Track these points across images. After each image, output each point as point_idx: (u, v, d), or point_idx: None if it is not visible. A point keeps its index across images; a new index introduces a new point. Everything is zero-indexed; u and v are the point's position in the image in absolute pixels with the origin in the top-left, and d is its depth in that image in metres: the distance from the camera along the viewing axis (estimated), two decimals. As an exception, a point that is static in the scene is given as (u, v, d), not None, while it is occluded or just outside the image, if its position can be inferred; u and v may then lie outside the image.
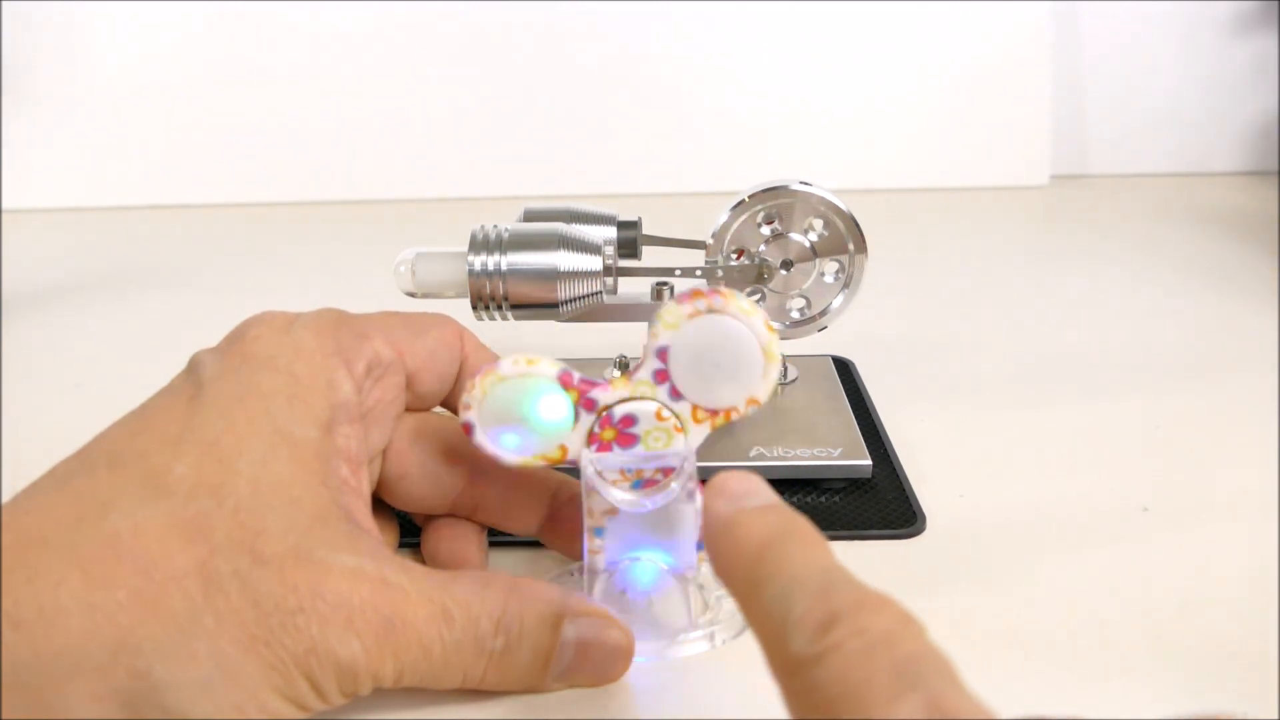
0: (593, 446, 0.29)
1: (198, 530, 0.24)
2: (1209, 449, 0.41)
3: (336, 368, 0.28)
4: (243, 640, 0.23)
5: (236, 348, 0.28)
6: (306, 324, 0.29)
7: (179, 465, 0.25)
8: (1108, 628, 0.31)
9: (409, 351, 0.31)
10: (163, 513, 0.24)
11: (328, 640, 0.24)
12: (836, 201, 0.39)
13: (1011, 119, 0.82)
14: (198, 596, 0.23)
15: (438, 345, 0.31)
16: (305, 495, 0.26)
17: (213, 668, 0.23)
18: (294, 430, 0.27)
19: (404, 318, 0.31)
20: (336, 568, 0.25)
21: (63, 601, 0.22)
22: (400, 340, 0.30)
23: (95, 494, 0.25)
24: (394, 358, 0.30)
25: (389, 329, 0.30)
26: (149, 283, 0.64)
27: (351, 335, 0.29)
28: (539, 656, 0.27)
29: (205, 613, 0.23)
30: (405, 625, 0.25)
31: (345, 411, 0.28)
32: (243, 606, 0.23)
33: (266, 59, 0.80)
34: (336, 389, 0.28)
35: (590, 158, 0.82)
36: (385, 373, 0.30)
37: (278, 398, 0.27)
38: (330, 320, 0.30)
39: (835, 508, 0.37)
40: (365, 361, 0.29)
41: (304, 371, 0.28)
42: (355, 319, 0.31)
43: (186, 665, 0.23)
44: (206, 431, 0.26)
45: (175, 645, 0.23)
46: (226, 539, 0.24)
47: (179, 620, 0.23)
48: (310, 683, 0.24)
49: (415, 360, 0.31)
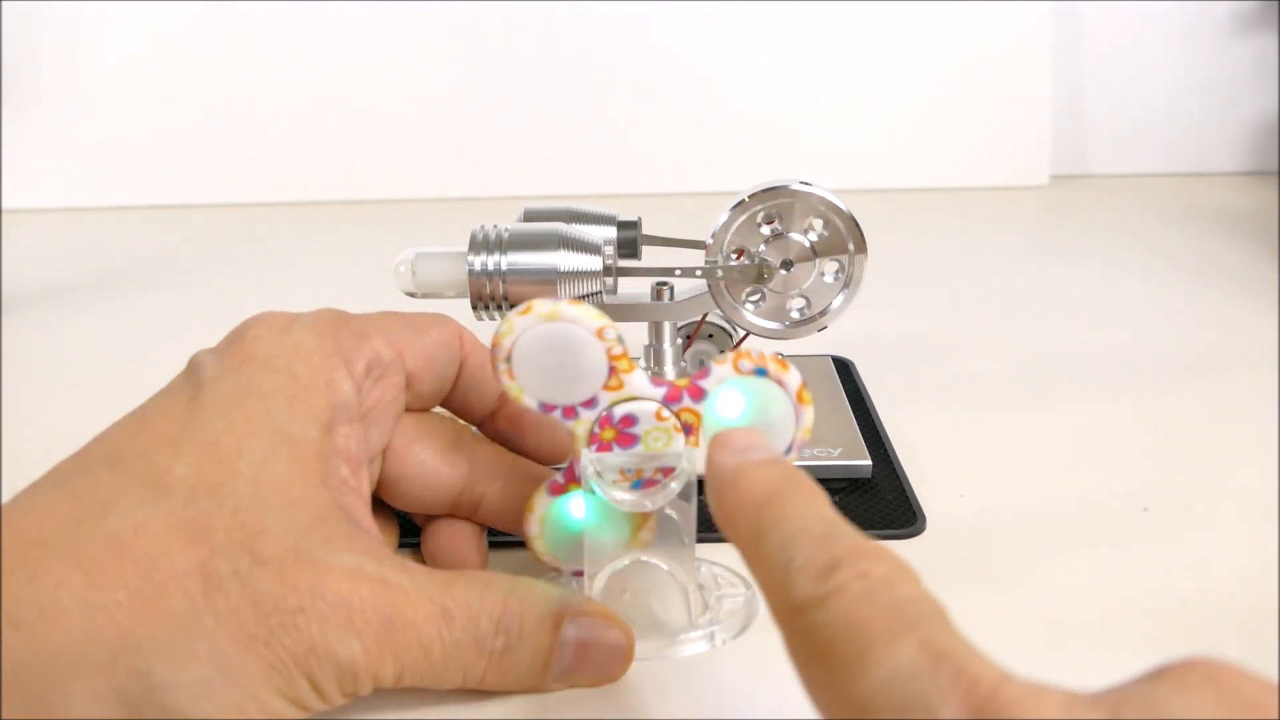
0: (593, 446, 0.29)
1: (198, 530, 0.24)
2: (1209, 449, 0.41)
3: (336, 368, 0.28)
4: (243, 640, 0.23)
5: (236, 348, 0.28)
6: (306, 324, 0.29)
7: (179, 465, 0.25)
8: (1108, 628, 0.31)
9: (409, 351, 0.30)
10: (163, 513, 0.24)
11: (328, 640, 0.24)
12: (836, 201, 0.39)
13: (1011, 119, 0.82)
14: (198, 596, 0.23)
15: (437, 345, 0.31)
16: (305, 495, 0.26)
17: (213, 668, 0.23)
18: (294, 430, 0.27)
19: (404, 318, 0.31)
20: (336, 568, 0.25)
21: (63, 601, 0.22)
22: (400, 340, 0.30)
23: (95, 494, 0.25)
24: (394, 358, 0.30)
25: (389, 329, 0.30)
26: (149, 283, 0.64)
27: (351, 335, 0.29)
28: (539, 656, 0.27)
29: (205, 612, 0.23)
30: (405, 625, 0.25)
31: (345, 411, 0.28)
32: (243, 606, 0.23)
33: (267, 59, 0.80)
34: (336, 389, 0.28)
35: (590, 158, 0.82)
36: (385, 373, 0.30)
37: (277, 398, 0.27)
38: (330, 320, 0.30)
39: (835, 507, 0.37)
40: (365, 361, 0.29)
41: (303, 371, 0.28)
42: (355, 319, 0.31)
43: (187, 665, 0.23)
44: (206, 432, 0.26)
45: (175, 645, 0.23)
46: (226, 539, 0.24)
47: (179, 620, 0.23)
48: (311, 683, 0.24)
49: (415, 360, 0.31)
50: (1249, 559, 0.34)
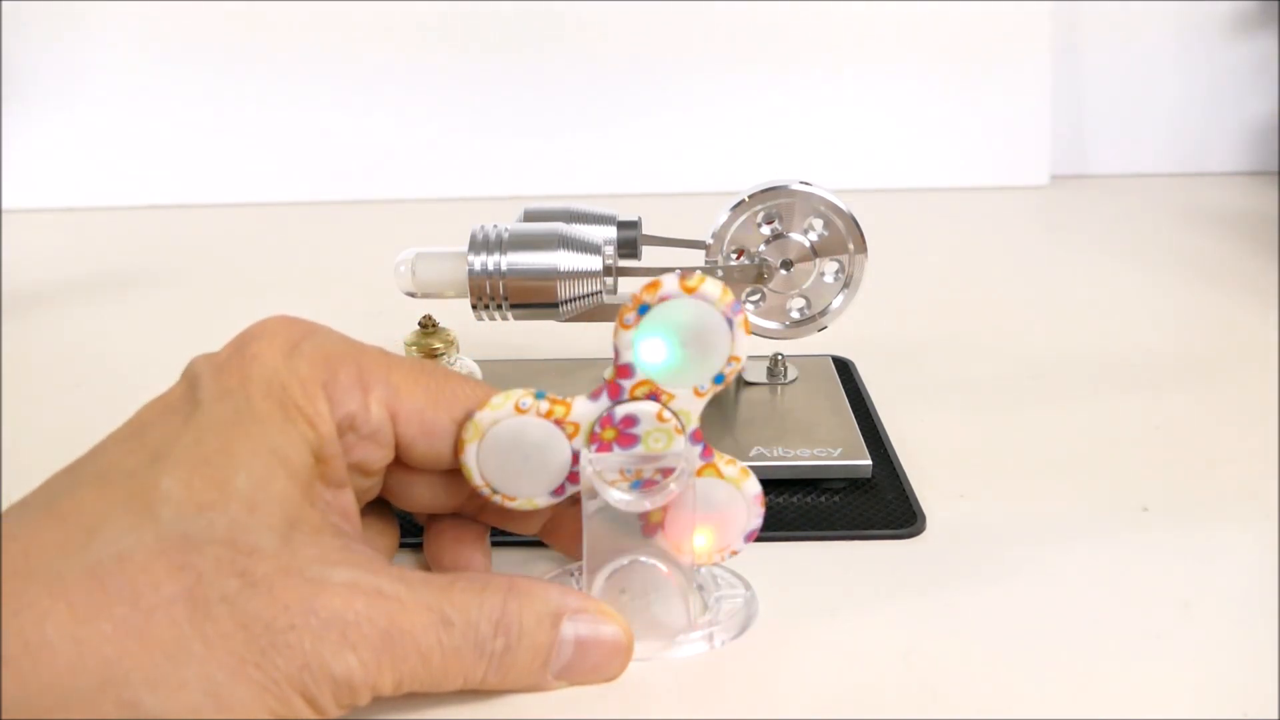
0: (593, 446, 0.29)
1: (185, 555, 0.24)
2: (1209, 449, 0.41)
3: (324, 401, 0.28)
4: (231, 664, 0.23)
5: (236, 364, 0.28)
6: (306, 353, 0.28)
7: (166, 480, 0.25)
8: (1108, 628, 0.31)
9: (406, 419, 0.29)
10: (149, 538, 0.24)
11: (321, 656, 0.24)
12: (836, 201, 0.39)
13: (1011, 119, 0.82)
14: (185, 624, 0.23)
15: (449, 427, 0.29)
16: (298, 515, 0.26)
17: (202, 695, 0.23)
18: (289, 453, 0.26)
19: (427, 380, 0.29)
20: (330, 583, 0.25)
21: (48, 636, 0.22)
22: (402, 405, 0.29)
23: (80, 517, 0.24)
24: (383, 421, 0.28)
25: (399, 390, 0.29)
26: (149, 283, 0.64)
27: (348, 378, 0.28)
28: (538, 655, 0.27)
29: (193, 639, 0.23)
30: (403, 635, 0.25)
31: (330, 444, 0.28)
32: (231, 630, 0.23)
33: (267, 59, 0.80)
34: (324, 420, 0.27)
35: (590, 158, 0.82)
36: (371, 434, 0.28)
37: (273, 422, 0.27)
38: (333, 354, 0.28)
39: (835, 508, 0.37)
40: (346, 411, 0.28)
41: (297, 397, 0.27)
42: (365, 361, 0.29)
43: (176, 693, 0.23)
44: (200, 449, 0.26)
45: (164, 674, 0.23)
46: (215, 563, 0.24)
47: (166, 649, 0.23)
48: (306, 699, 0.24)
49: (411, 430, 0.29)
50: (1249, 559, 0.34)
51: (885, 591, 0.32)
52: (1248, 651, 0.30)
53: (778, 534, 0.35)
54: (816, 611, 0.31)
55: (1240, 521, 0.36)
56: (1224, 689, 0.28)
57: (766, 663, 0.29)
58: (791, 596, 0.32)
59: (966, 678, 0.29)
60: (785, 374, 0.43)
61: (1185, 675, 0.29)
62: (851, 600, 0.32)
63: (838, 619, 0.31)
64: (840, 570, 0.34)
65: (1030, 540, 0.35)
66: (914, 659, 0.29)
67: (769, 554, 0.34)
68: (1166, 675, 0.29)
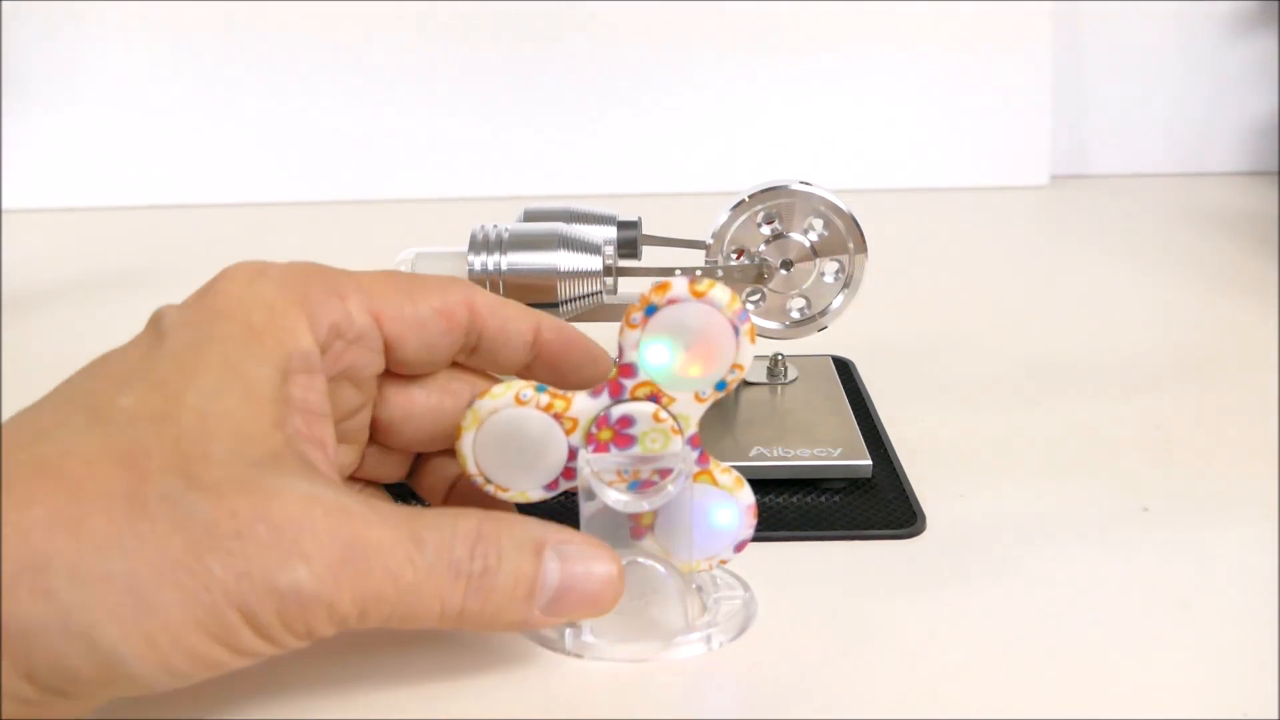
0: (590, 447, 0.29)
1: (131, 456, 0.23)
2: (1209, 449, 0.41)
3: (296, 318, 0.27)
4: (161, 565, 0.22)
5: (198, 300, 0.28)
6: (273, 275, 0.28)
7: (123, 398, 0.24)
8: (1108, 628, 0.31)
9: (389, 317, 0.28)
10: (97, 438, 0.23)
11: (266, 565, 0.22)
12: (836, 201, 0.39)
13: (1011, 119, 0.82)
14: (121, 520, 0.22)
15: (431, 314, 0.29)
16: (258, 433, 0.24)
17: (122, 593, 0.21)
18: (248, 369, 0.25)
19: (399, 280, 0.29)
20: (287, 492, 0.23)
21: None
22: (382, 304, 0.28)
23: (35, 425, 0.24)
24: (367, 323, 0.28)
25: (372, 291, 0.28)
26: (149, 283, 0.64)
27: (322, 290, 0.28)
28: (521, 583, 0.26)
29: (126, 535, 0.22)
30: (367, 549, 0.23)
31: (303, 361, 0.27)
32: (167, 530, 0.22)
33: (267, 59, 0.80)
34: (295, 337, 0.27)
35: (590, 158, 0.82)
36: (358, 337, 0.28)
37: (233, 342, 0.26)
38: (300, 273, 0.28)
39: (835, 508, 0.37)
40: (331, 320, 0.27)
41: (261, 319, 0.26)
42: (334, 275, 0.28)
43: (94, 587, 0.21)
44: (159, 372, 0.25)
45: (88, 566, 0.21)
46: (162, 463, 0.23)
47: (96, 541, 0.22)
48: (244, 616, 0.22)
49: (396, 327, 0.28)
50: (1249, 559, 0.34)
51: (885, 592, 0.32)
52: (1248, 651, 0.29)
53: (777, 534, 0.35)
54: (816, 612, 0.31)
55: (1240, 521, 0.36)
56: (1224, 689, 0.28)
57: (765, 664, 0.29)
58: (791, 597, 0.32)
59: (966, 678, 0.29)
60: (785, 374, 0.43)
61: (1185, 675, 0.29)
62: (851, 600, 0.32)
63: (837, 619, 0.31)
64: (840, 570, 0.34)
65: (1030, 540, 0.35)
66: (914, 659, 0.29)
67: (768, 554, 0.34)
68: (1166, 675, 0.29)
